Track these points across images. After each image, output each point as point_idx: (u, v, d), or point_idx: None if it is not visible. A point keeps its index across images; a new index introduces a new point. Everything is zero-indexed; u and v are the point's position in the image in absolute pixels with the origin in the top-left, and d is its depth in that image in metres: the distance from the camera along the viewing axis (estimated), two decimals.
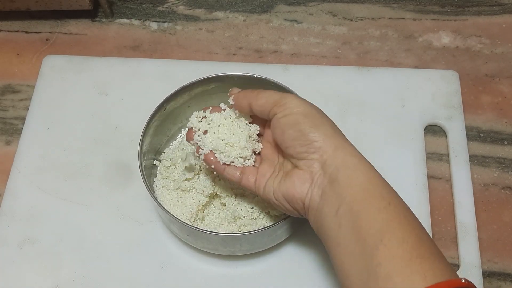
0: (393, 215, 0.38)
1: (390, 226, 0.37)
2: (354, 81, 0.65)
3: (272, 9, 0.73)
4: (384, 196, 0.39)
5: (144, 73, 0.66)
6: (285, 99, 0.44)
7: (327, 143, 0.42)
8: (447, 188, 0.59)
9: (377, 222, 0.38)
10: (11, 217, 0.57)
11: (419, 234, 0.38)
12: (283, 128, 0.43)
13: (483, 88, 0.66)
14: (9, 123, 0.64)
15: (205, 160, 0.48)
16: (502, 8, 0.72)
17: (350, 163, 0.41)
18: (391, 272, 0.35)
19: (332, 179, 0.41)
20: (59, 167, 0.60)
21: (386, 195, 0.39)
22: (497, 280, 0.54)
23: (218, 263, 0.54)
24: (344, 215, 0.39)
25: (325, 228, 0.40)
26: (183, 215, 0.52)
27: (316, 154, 0.42)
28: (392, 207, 0.39)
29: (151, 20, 0.72)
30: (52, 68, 0.67)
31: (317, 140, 0.42)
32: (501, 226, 0.57)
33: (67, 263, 0.54)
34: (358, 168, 0.41)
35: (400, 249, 0.36)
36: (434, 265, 0.36)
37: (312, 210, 0.42)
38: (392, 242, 0.36)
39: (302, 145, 0.42)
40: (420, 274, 0.35)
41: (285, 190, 0.43)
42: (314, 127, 0.42)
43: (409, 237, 0.37)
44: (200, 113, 0.50)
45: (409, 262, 0.35)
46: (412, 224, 0.39)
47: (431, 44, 0.69)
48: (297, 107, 0.43)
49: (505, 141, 0.62)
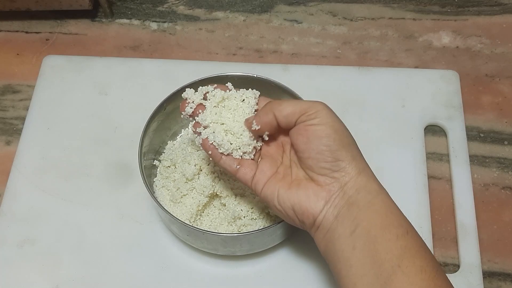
0: (411, 243, 0.38)
1: (408, 253, 0.37)
2: (354, 81, 0.65)
3: (272, 9, 0.73)
4: (402, 224, 0.39)
5: (144, 73, 0.66)
6: (315, 108, 0.41)
7: (352, 165, 0.41)
8: (447, 188, 0.58)
9: (395, 248, 0.37)
10: (11, 217, 0.57)
11: (435, 265, 0.38)
12: (309, 136, 0.41)
13: (483, 88, 0.66)
14: (9, 123, 0.64)
15: (203, 145, 0.45)
16: (502, 8, 0.72)
17: (372, 189, 0.40)
18: None
19: (351, 202, 0.40)
20: (59, 167, 0.60)
21: (404, 224, 0.39)
22: (497, 280, 0.54)
23: (218, 263, 0.54)
24: (359, 237, 0.39)
25: (337, 248, 0.40)
26: (183, 215, 0.52)
27: (338, 174, 0.41)
28: (409, 235, 0.39)
29: (151, 20, 0.72)
30: (52, 68, 0.67)
31: (343, 160, 0.40)
32: (501, 226, 0.57)
33: (66, 263, 0.54)
34: (378, 194, 0.40)
35: (418, 277, 0.36)
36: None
37: (323, 229, 0.41)
38: (410, 269, 0.36)
39: (326, 161, 0.41)
40: None
41: (296, 202, 0.41)
42: (343, 145, 0.41)
43: (427, 266, 0.37)
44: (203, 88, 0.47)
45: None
46: (429, 254, 0.39)
47: (431, 44, 0.69)
48: (328, 118, 0.41)
49: (505, 141, 0.62)
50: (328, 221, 0.40)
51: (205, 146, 0.45)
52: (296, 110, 0.42)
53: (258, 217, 0.51)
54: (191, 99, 0.47)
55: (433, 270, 0.37)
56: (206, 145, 0.45)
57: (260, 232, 0.48)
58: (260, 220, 0.51)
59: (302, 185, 0.42)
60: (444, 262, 0.55)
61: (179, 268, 0.54)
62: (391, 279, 0.36)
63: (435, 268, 0.37)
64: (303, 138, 0.41)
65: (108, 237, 0.55)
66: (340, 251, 0.39)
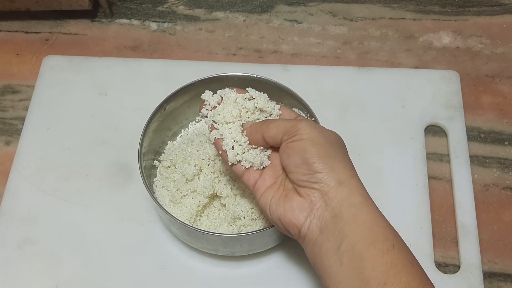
0: (398, 258, 0.38)
1: (394, 269, 0.37)
2: (354, 81, 0.65)
3: (272, 9, 0.73)
4: (388, 237, 0.39)
5: (144, 73, 0.66)
6: (296, 127, 0.43)
7: (331, 176, 0.41)
8: (447, 189, 0.58)
9: (381, 265, 0.37)
10: (10, 218, 0.57)
11: (423, 280, 0.38)
12: (289, 153, 0.43)
13: (484, 88, 0.66)
14: (8, 124, 0.64)
15: (215, 144, 0.47)
16: (502, 8, 0.72)
17: (355, 201, 0.40)
18: None
19: (334, 214, 0.40)
20: (58, 168, 0.60)
21: (390, 237, 0.39)
22: (497, 281, 0.54)
23: (218, 264, 0.54)
24: (346, 253, 0.39)
25: (325, 264, 0.40)
26: (183, 215, 0.52)
27: (318, 185, 0.41)
28: (396, 249, 0.38)
29: (151, 20, 0.72)
30: (52, 68, 0.66)
31: (321, 171, 0.41)
32: (501, 227, 0.57)
33: (66, 264, 0.54)
34: (363, 207, 0.40)
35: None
36: None
37: (309, 241, 0.41)
38: (396, 286, 0.36)
39: (304, 174, 0.41)
40: None
41: (282, 213, 0.42)
42: (320, 157, 0.41)
43: (413, 282, 0.37)
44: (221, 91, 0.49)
45: None
46: (415, 268, 0.38)
47: (431, 44, 0.69)
48: (307, 133, 0.42)
49: (506, 142, 0.62)
50: (314, 233, 0.41)
51: (217, 145, 0.47)
52: (279, 131, 0.44)
53: (258, 217, 0.51)
54: (209, 101, 0.48)
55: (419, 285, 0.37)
56: (218, 144, 0.47)
57: (260, 232, 0.48)
58: (260, 221, 0.51)
59: (289, 197, 0.43)
60: (445, 263, 0.54)
61: (179, 269, 0.54)
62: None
63: (422, 283, 0.37)
64: (285, 154, 0.43)
65: (108, 238, 0.55)
66: (329, 266, 0.40)
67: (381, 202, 0.56)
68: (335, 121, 0.62)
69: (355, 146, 0.60)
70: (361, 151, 0.60)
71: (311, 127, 0.43)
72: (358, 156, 0.59)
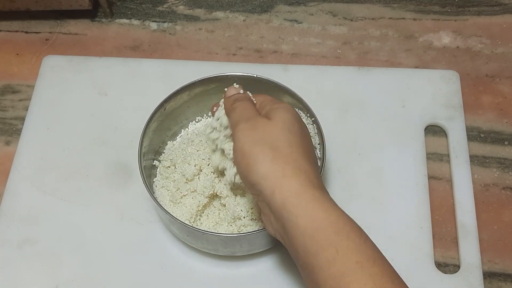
0: (345, 266, 0.35)
1: (344, 280, 0.35)
2: (354, 81, 0.65)
3: (272, 9, 0.73)
4: (331, 241, 0.36)
5: (144, 73, 0.66)
6: (234, 130, 0.42)
7: (264, 185, 0.38)
8: (447, 189, 0.58)
9: (331, 278, 0.35)
10: (10, 218, 0.57)
11: (377, 282, 0.35)
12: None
13: (484, 88, 0.66)
14: (8, 123, 0.64)
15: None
16: (502, 8, 0.72)
17: (290, 206, 0.37)
18: None
19: (282, 225, 0.38)
20: (58, 168, 0.60)
21: (334, 239, 0.36)
22: (497, 281, 0.54)
23: (218, 264, 0.54)
24: (303, 267, 0.37)
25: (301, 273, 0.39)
26: (182, 215, 0.52)
27: (260, 197, 0.39)
28: (341, 255, 0.35)
29: (151, 20, 0.72)
30: (52, 68, 0.66)
31: (255, 183, 0.39)
32: (501, 227, 0.57)
33: (66, 264, 0.54)
34: (301, 212, 0.37)
35: None
36: None
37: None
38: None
39: (248, 187, 0.41)
40: None
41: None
42: (248, 169, 0.39)
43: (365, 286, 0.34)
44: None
45: None
46: (368, 270, 0.35)
47: (431, 44, 0.69)
48: (238, 142, 0.41)
49: (506, 141, 0.62)
50: (282, 242, 0.40)
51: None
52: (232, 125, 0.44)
53: (258, 217, 0.51)
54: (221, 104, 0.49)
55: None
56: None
57: (260, 232, 0.48)
58: (260, 221, 0.51)
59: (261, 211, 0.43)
60: (445, 263, 0.54)
61: (179, 269, 0.54)
62: None
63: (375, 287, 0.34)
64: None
65: (108, 238, 0.55)
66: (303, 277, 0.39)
67: (381, 202, 0.57)
68: (335, 121, 0.62)
69: (355, 146, 0.60)
70: (361, 151, 0.60)
71: (243, 132, 0.41)
72: (358, 156, 0.59)
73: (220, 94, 0.56)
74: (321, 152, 0.52)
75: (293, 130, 0.41)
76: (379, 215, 0.55)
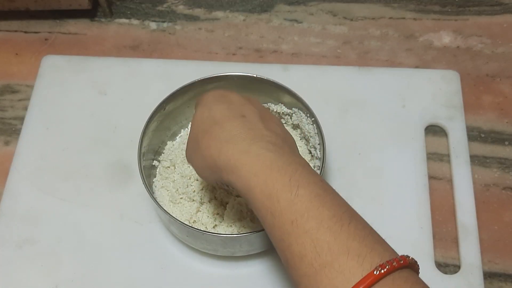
0: (281, 229, 0.35)
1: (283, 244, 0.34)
2: (354, 81, 0.65)
3: (272, 9, 0.73)
4: (267, 207, 0.36)
5: (144, 73, 0.66)
6: (196, 110, 0.43)
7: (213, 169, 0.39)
8: (447, 189, 0.58)
9: (277, 244, 0.35)
10: (10, 218, 0.57)
11: (313, 235, 0.33)
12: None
13: (484, 88, 0.65)
14: (8, 123, 0.64)
15: None
16: (503, 8, 0.72)
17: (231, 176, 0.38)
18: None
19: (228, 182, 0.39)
20: (58, 168, 0.59)
21: (266, 203, 0.36)
22: (498, 281, 0.54)
23: (218, 264, 0.54)
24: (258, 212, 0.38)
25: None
26: (182, 215, 0.52)
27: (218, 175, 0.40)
28: (277, 219, 0.35)
29: (150, 20, 0.72)
30: (51, 68, 0.66)
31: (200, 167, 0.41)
32: (502, 227, 0.56)
33: (66, 264, 0.54)
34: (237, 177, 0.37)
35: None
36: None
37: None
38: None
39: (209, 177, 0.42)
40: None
41: None
42: (194, 151, 0.41)
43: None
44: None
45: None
46: (302, 227, 0.34)
47: (431, 44, 0.69)
48: (192, 125, 0.42)
49: (506, 142, 0.62)
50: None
51: None
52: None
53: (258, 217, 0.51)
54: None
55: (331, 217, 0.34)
56: None
57: (260, 232, 0.48)
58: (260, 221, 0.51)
59: None
60: (445, 263, 0.54)
61: (178, 269, 0.54)
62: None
63: (333, 215, 0.34)
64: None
65: (108, 238, 0.55)
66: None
67: (381, 202, 0.57)
68: (335, 121, 0.62)
69: (355, 146, 0.60)
70: (361, 151, 0.60)
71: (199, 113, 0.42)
72: (358, 156, 0.59)
73: None
74: (321, 152, 0.52)
75: (201, 126, 0.42)
76: (379, 215, 0.55)
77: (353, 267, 0.31)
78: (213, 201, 0.53)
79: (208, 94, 0.44)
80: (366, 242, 0.33)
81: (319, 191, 0.35)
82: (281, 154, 0.37)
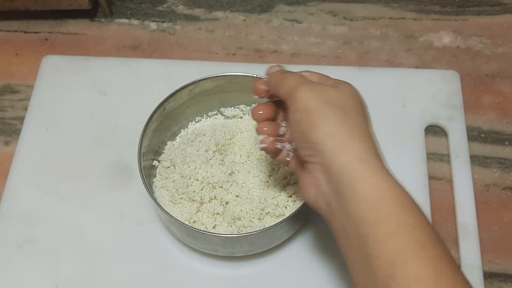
0: (405, 242, 0.33)
1: (401, 257, 0.32)
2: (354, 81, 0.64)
3: (272, 9, 0.73)
4: (393, 216, 0.34)
5: (144, 73, 0.66)
6: (295, 91, 0.39)
7: (328, 145, 0.36)
8: (447, 189, 0.58)
9: (387, 252, 0.33)
10: (10, 218, 0.57)
11: (438, 265, 0.32)
12: (291, 125, 0.40)
13: (484, 88, 0.65)
14: (8, 123, 0.64)
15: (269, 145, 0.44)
16: (503, 8, 0.72)
17: (354, 170, 0.35)
18: None
19: (336, 189, 0.36)
20: (58, 168, 0.59)
21: (395, 214, 0.34)
22: (498, 281, 0.54)
23: (218, 264, 0.54)
24: (353, 236, 0.35)
25: (339, 244, 0.37)
26: (182, 216, 0.52)
27: (318, 158, 0.37)
28: (402, 230, 0.33)
29: (150, 20, 0.72)
30: (51, 68, 0.66)
31: (317, 141, 0.37)
32: (502, 227, 0.56)
33: (66, 264, 0.54)
34: (363, 177, 0.35)
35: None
36: None
37: (325, 218, 0.39)
38: (404, 279, 0.32)
39: (305, 148, 0.38)
40: None
41: (297, 190, 0.41)
42: (314, 126, 0.37)
43: (423, 272, 0.32)
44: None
45: None
46: (429, 251, 0.33)
47: (431, 44, 0.69)
48: (302, 102, 0.38)
49: (506, 142, 0.62)
50: (324, 210, 0.38)
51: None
52: (284, 94, 0.41)
53: (258, 218, 0.51)
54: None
55: (433, 273, 0.31)
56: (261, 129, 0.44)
57: (260, 233, 0.48)
58: (260, 221, 0.51)
59: (302, 174, 0.41)
60: None
61: (178, 269, 0.54)
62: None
63: (436, 270, 0.32)
64: (290, 127, 0.41)
65: (108, 238, 0.55)
66: (343, 248, 0.36)
67: None
68: None
69: None
70: None
71: (308, 91, 0.39)
72: None
73: (220, 94, 0.57)
74: None
75: (359, 101, 0.41)
76: None
77: None
78: (213, 201, 0.53)
79: (355, 88, 0.42)
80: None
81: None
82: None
